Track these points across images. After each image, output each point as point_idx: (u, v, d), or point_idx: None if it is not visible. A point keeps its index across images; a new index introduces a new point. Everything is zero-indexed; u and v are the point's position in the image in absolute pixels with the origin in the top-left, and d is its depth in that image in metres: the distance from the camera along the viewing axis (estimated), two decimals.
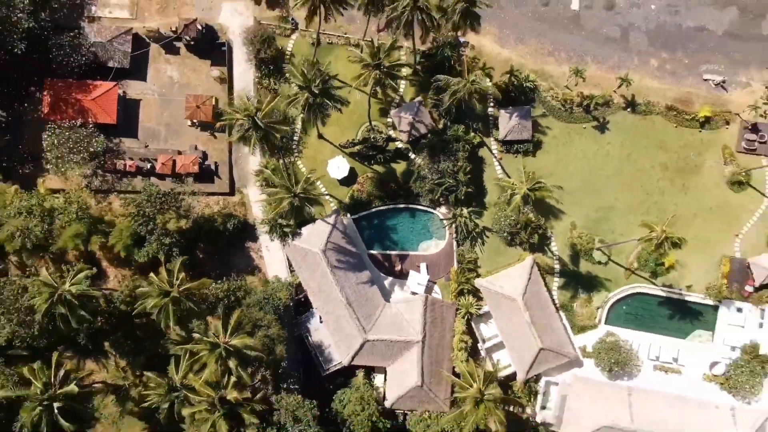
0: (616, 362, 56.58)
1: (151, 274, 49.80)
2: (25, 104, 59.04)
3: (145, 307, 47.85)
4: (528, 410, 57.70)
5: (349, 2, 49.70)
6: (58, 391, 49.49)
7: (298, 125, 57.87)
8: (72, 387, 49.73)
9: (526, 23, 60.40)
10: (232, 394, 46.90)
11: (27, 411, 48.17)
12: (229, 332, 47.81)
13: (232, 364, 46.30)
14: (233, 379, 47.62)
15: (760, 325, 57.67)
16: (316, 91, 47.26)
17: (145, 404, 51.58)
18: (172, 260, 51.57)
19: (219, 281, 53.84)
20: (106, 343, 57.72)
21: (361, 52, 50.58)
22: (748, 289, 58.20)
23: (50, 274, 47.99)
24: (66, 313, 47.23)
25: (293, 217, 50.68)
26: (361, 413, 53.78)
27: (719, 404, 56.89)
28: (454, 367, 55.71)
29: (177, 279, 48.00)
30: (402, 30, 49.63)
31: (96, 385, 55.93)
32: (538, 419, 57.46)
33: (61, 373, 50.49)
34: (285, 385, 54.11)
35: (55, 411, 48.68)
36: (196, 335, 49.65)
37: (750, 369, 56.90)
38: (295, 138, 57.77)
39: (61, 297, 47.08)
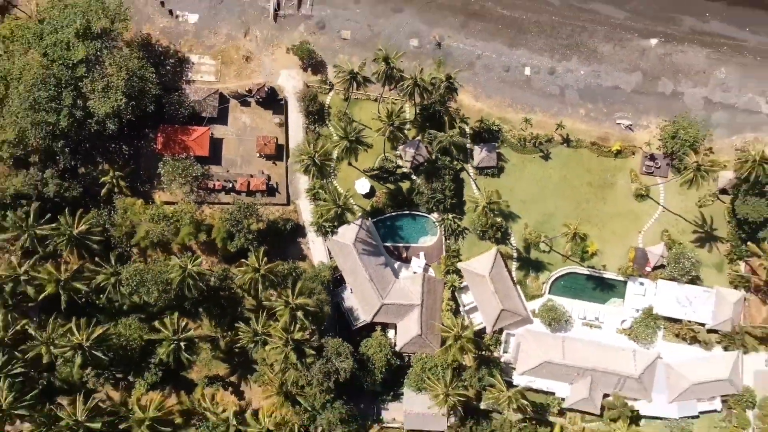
0: (554, 319, 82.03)
1: (243, 260, 75.53)
2: (142, 142, 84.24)
3: (245, 281, 73.19)
4: (495, 353, 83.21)
5: (372, 81, 75.32)
6: (181, 336, 75.11)
7: (334, 156, 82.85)
8: (191, 333, 75.30)
9: (492, 84, 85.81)
10: (297, 335, 72.31)
11: (164, 347, 73.67)
12: (295, 295, 73.25)
13: (299, 314, 71.73)
14: (298, 325, 73.00)
15: (655, 294, 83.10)
16: (352, 140, 72.88)
17: (238, 345, 77.18)
18: (253, 249, 76.83)
19: (284, 263, 79.06)
20: (200, 309, 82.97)
21: (378, 111, 75.76)
22: (647, 269, 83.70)
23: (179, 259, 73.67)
24: (192, 284, 72.67)
25: (336, 221, 76.26)
26: (380, 353, 78.98)
27: (625, 348, 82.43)
28: (442, 323, 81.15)
29: (262, 261, 73.51)
30: (407, 96, 75.26)
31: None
32: (502, 359, 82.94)
33: (183, 324, 76.03)
34: (327, 336, 79.32)
35: (182, 348, 74.28)
36: (272, 297, 75.17)
37: (646, 324, 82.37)
38: (332, 165, 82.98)
39: (189, 273, 72.54)
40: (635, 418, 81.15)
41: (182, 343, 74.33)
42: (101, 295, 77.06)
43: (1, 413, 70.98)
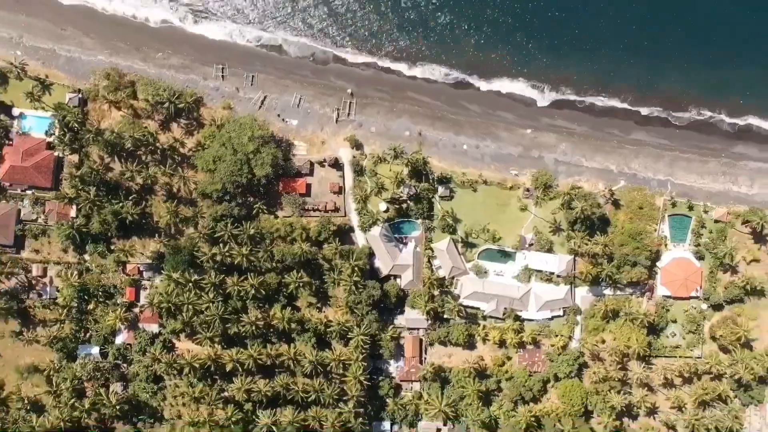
0: (479, 272, 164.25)
1: (327, 246, 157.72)
2: (271, 186, 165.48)
3: (331, 254, 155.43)
4: (450, 288, 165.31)
5: (388, 159, 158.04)
6: (299, 280, 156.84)
7: (368, 192, 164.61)
8: (305, 279, 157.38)
9: (447, 154, 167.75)
10: (355, 278, 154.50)
11: (292, 285, 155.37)
12: (353, 259, 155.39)
13: (356, 269, 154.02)
14: (356, 274, 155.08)
15: (529, 258, 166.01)
16: (378, 187, 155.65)
17: (323, 287, 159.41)
18: (334, 238, 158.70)
19: (346, 245, 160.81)
20: (302, 269, 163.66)
21: (390, 169, 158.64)
22: (526, 246, 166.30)
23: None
24: (304, 256, 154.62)
25: (370, 225, 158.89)
26: (393, 289, 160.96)
27: (514, 285, 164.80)
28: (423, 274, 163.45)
29: (338, 243, 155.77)
30: (405, 165, 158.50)
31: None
32: (454, 291, 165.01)
33: (299, 275, 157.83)
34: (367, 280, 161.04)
35: (300, 286, 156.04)
36: (339, 262, 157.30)
37: (525, 273, 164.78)
38: (368, 197, 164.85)
39: (304, 251, 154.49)
40: (519, 319, 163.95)
41: (300, 284, 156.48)
42: (258, 262, 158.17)
43: (219, 317, 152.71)
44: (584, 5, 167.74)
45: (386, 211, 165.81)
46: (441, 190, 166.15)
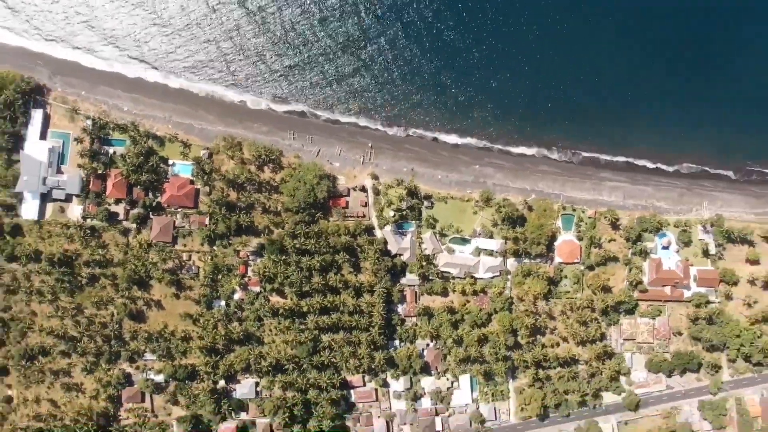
0: (449, 251, 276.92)
1: (359, 238, 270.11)
2: (324, 203, 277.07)
3: (364, 243, 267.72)
4: (433, 261, 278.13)
5: (393, 185, 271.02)
6: (342, 258, 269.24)
7: (382, 204, 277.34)
8: (345, 258, 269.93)
9: (429, 180, 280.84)
10: (376, 256, 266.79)
11: (342, 260, 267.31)
12: (375, 244, 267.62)
13: (377, 250, 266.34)
14: (377, 252, 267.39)
15: (479, 242, 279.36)
16: (389, 203, 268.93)
17: (359, 260, 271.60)
18: (363, 233, 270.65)
19: (371, 237, 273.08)
20: (344, 251, 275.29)
21: (395, 191, 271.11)
22: (477, 235, 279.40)
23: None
24: (348, 244, 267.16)
25: (385, 224, 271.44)
26: (399, 261, 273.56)
27: (469, 257, 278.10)
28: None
29: (366, 235, 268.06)
30: (404, 190, 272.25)
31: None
32: (434, 262, 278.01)
33: (343, 255, 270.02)
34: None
35: (345, 261, 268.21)
36: (367, 247, 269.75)
37: (476, 250, 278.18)
38: (382, 208, 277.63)
39: (346, 241, 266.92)
40: (473, 278, 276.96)
41: (344, 260, 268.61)
42: (319, 248, 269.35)
43: (298, 280, 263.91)
44: (505, 92, 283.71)
45: (393, 216, 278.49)
46: (426, 203, 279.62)
